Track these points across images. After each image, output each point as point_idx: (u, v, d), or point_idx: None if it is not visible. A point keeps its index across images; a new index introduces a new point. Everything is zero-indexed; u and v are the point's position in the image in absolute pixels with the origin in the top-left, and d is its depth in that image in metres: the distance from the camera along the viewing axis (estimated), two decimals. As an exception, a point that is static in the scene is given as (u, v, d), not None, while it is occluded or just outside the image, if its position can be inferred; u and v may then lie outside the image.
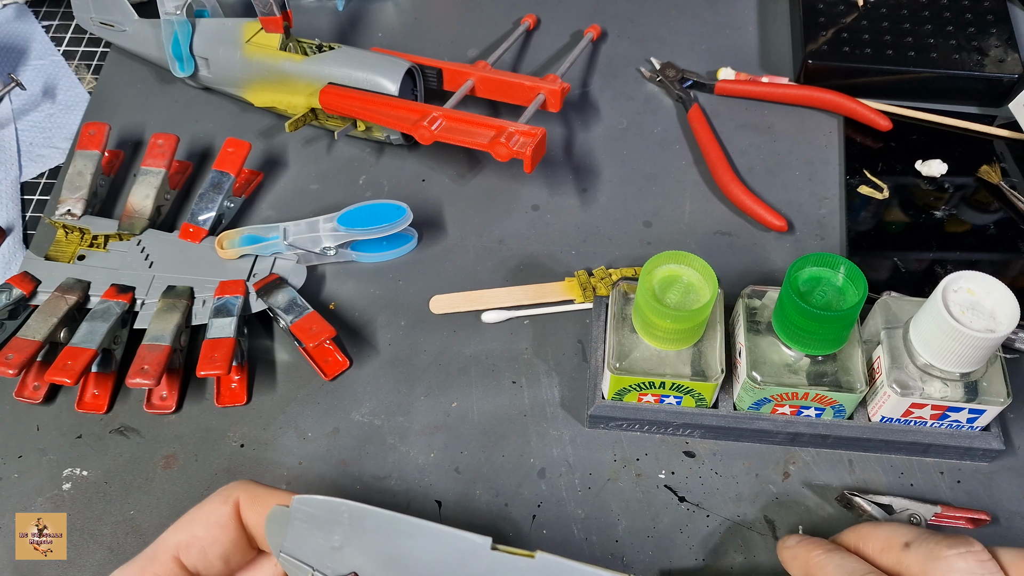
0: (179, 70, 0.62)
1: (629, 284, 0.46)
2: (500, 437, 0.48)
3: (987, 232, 0.55)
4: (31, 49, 0.71)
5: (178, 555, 0.33)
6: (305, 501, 0.33)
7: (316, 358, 0.51)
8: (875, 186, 0.58)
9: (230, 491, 0.34)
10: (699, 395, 0.45)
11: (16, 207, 0.61)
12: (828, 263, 0.42)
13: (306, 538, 0.33)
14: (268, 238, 0.53)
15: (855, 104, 0.61)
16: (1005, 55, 0.61)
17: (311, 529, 0.33)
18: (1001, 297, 0.40)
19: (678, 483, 0.47)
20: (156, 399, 0.50)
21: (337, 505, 0.33)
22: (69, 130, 0.65)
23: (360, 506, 0.33)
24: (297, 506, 0.33)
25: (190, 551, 0.33)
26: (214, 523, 0.34)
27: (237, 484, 0.35)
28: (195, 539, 0.33)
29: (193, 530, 0.33)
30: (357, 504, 0.33)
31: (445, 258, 0.56)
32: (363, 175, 0.61)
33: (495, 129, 0.54)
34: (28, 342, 0.48)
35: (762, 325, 0.45)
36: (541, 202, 0.59)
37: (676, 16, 0.70)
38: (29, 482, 0.48)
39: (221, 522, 0.34)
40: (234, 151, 0.57)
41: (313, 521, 0.33)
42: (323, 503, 0.33)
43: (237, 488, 0.35)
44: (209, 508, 0.34)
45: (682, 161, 0.61)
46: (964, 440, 0.45)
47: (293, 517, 0.33)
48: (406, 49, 0.63)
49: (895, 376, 0.43)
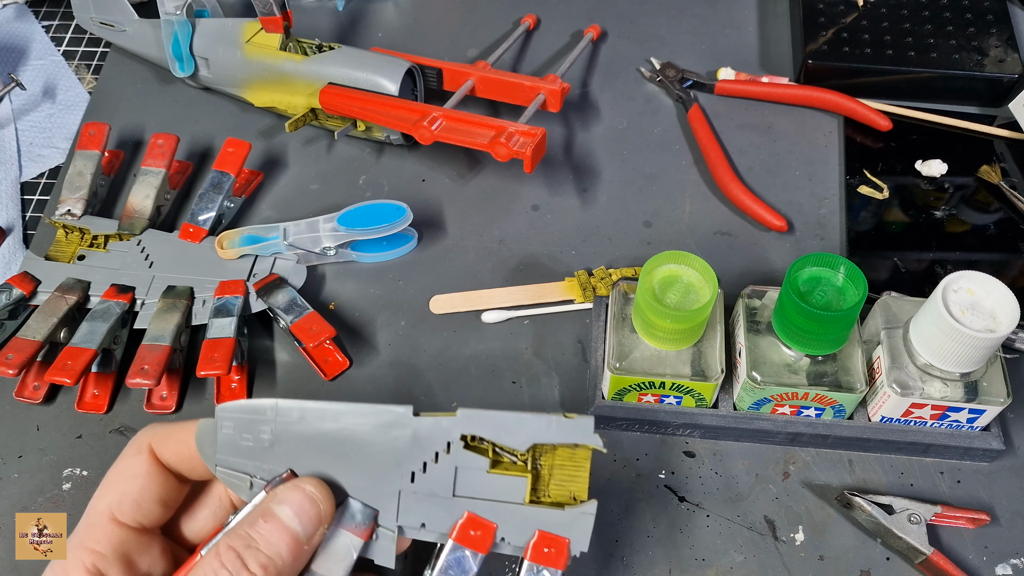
0: (179, 70, 0.62)
1: (629, 284, 0.46)
2: (500, 437, 0.48)
3: (987, 232, 0.55)
4: (31, 49, 0.71)
5: (113, 515, 0.33)
6: (229, 407, 0.33)
7: (316, 358, 0.51)
8: (875, 186, 0.58)
9: (139, 441, 0.35)
10: (699, 395, 0.45)
11: (16, 207, 0.61)
12: (828, 263, 0.42)
13: (236, 444, 0.33)
14: (268, 238, 0.53)
15: (855, 104, 0.61)
16: (1005, 55, 0.61)
17: (240, 434, 0.33)
18: (1001, 297, 0.40)
19: (678, 483, 0.47)
20: (156, 399, 0.50)
21: (260, 404, 0.33)
22: (69, 130, 0.65)
23: (283, 400, 0.33)
24: (222, 414, 0.33)
25: (123, 508, 0.33)
26: (136, 474, 0.34)
27: (142, 432, 0.35)
28: (124, 495, 0.33)
29: (119, 488, 0.34)
30: (281, 400, 0.33)
31: (445, 258, 0.56)
32: (363, 175, 0.61)
33: (495, 129, 0.54)
34: (28, 342, 0.48)
35: (762, 325, 0.45)
36: (541, 202, 0.59)
37: (676, 16, 0.70)
38: (29, 482, 0.48)
39: (142, 471, 0.34)
40: (234, 151, 0.57)
41: (240, 425, 0.33)
42: (246, 405, 0.33)
43: (144, 435, 0.35)
44: (126, 463, 0.34)
45: (682, 161, 0.61)
46: (964, 440, 0.45)
47: (220, 427, 0.33)
48: (406, 49, 0.63)
49: (895, 376, 0.43)
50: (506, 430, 0.33)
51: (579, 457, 0.34)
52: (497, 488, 0.33)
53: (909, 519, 0.43)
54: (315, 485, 0.32)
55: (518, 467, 0.34)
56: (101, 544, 0.32)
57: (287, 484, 0.32)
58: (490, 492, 0.33)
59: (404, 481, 0.33)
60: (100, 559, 0.32)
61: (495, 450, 0.34)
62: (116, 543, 0.33)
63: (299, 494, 0.32)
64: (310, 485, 0.32)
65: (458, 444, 0.33)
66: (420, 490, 0.33)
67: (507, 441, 0.33)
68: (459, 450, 0.33)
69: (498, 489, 0.33)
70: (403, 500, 0.33)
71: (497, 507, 0.33)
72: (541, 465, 0.34)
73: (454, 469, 0.33)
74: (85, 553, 0.32)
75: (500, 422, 0.33)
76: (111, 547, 0.33)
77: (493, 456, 0.34)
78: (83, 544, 0.32)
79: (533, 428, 0.33)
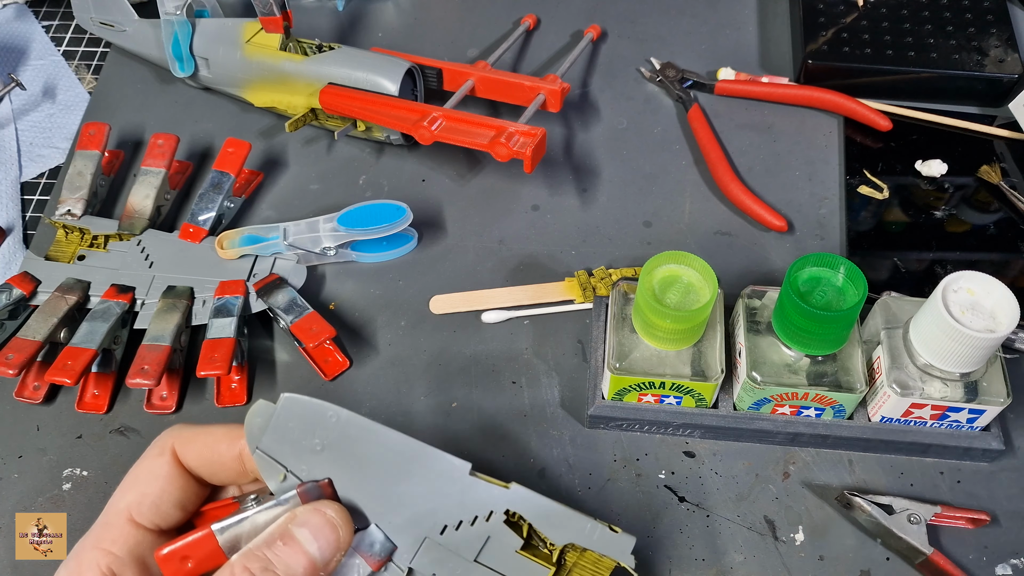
0: (179, 70, 0.62)
1: (629, 284, 0.46)
2: (500, 437, 0.48)
3: (987, 232, 0.55)
4: (31, 49, 0.71)
5: (131, 516, 0.33)
6: (294, 400, 0.33)
7: (316, 358, 0.51)
8: (875, 186, 0.58)
9: (162, 442, 0.34)
10: (699, 395, 0.45)
11: (16, 207, 0.61)
12: (828, 263, 0.42)
13: (286, 437, 0.33)
14: (268, 238, 0.53)
15: (855, 104, 0.61)
16: (1005, 55, 0.61)
17: (293, 428, 0.33)
18: (1001, 297, 0.40)
19: (678, 483, 0.47)
20: (156, 399, 0.50)
21: (326, 408, 0.33)
22: (69, 130, 0.65)
23: (350, 413, 0.33)
24: (286, 404, 0.33)
25: (142, 509, 0.33)
26: (157, 476, 0.33)
27: (167, 433, 0.35)
28: (143, 496, 0.33)
29: (139, 488, 0.33)
30: (347, 411, 0.33)
31: (445, 258, 0.56)
32: (363, 175, 0.61)
33: (495, 129, 0.54)
34: (28, 342, 0.48)
35: (762, 325, 0.45)
36: (541, 202, 0.59)
37: (676, 16, 0.70)
38: (29, 482, 0.48)
39: (163, 473, 0.33)
40: (234, 151, 0.57)
41: (297, 420, 0.33)
42: (312, 404, 0.33)
43: (168, 436, 0.34)
44: (148, 464, 0.34)
45: (682, 161, 0.61)
46: (964, 440, 0.45)
47: (277, 414, 0.33)
48: (406, 49, 0.63)
49: (895, 376, 0.43)
50: (551, 522, 0.33)
51: (603, 565, 0.34)
52: (518, 569, 0.33)
53: (909, 519, 0.43)
54: (336, 511, 0.32)
55: (544, 555, 0.34)
56: (117, 545, 0.32)
57: (309, 507, 0.32)
58: (510, 570, 0.33)
59: (434, 530, 0.33)
60: (115, 561, 0.32)
61: (530, 530, 0.34)
62: (132, 544, 0.33)
63: (320, 518, 0.31)
64: (331, 510, 0.32)
65: (500, 515, 0.33)
66: (445, 544, 0.33)
67: (547, 531, 0.33)
68: (499, 521, 0.33)
69: (519, 570, 0.33)
70: (425, 547, 0.33)
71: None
72: (566, 559, 0.34)
73: (486, 536, 0.33)
74: (100, 554, 0.32)
75: (548, 512, 0.33)
76: (127, 548, 0.32)
77: (526, 536, 0.34)
78: (99, 544, 0.32)
79: (576, 528, 0.33)
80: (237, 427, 0.34)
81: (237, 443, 0.34)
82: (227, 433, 0.35)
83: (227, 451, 0.34)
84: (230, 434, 0.34)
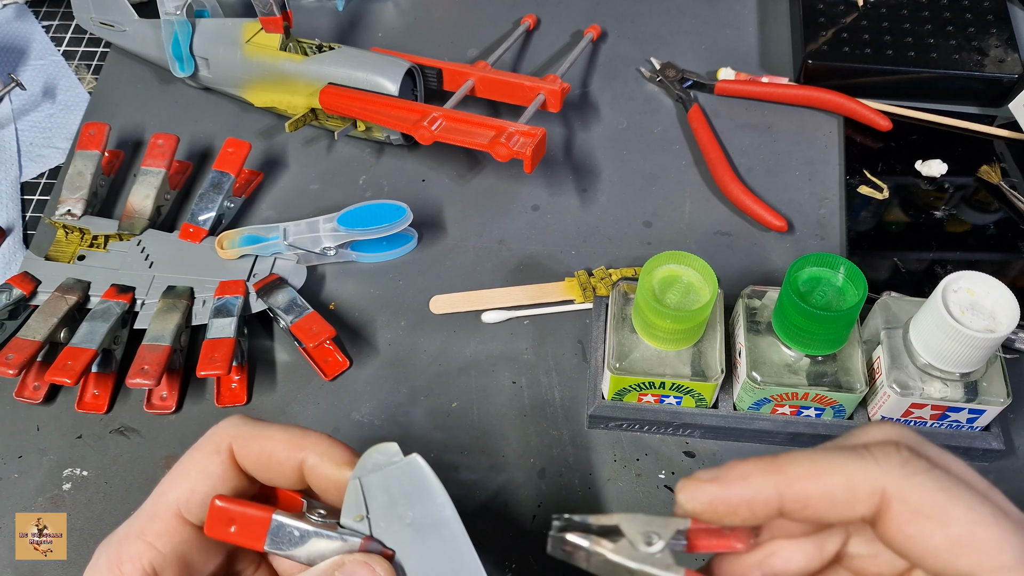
0: (179, 70, 0.62)
1: (629, 284, 0.46)
2: (500, 437, 0.48)
3: (987, 232, 0.55)
4: (31, 49, 0.71)
5: (179, 511, 0.31)
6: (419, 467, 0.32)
7: (316, 358, 0.51)
8: (875, 186, 0.58)
9: (221, 437, 0.33)
10: (699, 395, 0.45)
11: (16, 207, 0.61)
12: (828, 263, 0.42)
13: (388, 490, 0.32)
14: (268, 238, 0.53)
15: (855, 104, 0.61)
16: (1005, 55, 0.61)
17: (400, 488, 0.32)
18: (1001, 297, 0.40)
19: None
20: (156, 399, 0.50)
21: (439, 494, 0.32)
22: (69, 130, 0.65)
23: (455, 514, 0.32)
24: (409, 464, 0.32)
25: (191, 506, 0.31)
26: (211, 474, 0.32)
27: (226, 426, 0.33)
28: (194, 493, 0.31)
29: (190, 484, 0.32)
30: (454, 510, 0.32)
31: (445, 258, 0.56)
32: (363, 175, 0.61)
33: (495, 129, 0.54)
34: (28, 342, 0.48)
35: (762, 325, 0.45)
36: (541, 202, 0.59)
37: (676, 16, 0.70)
38: (29, 482, 0.48)
39: (218, 472, 0.32)
40: (234, 151, 0.57)
41: (410, 485, 0.32)
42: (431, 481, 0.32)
43: (227, 432, 0.33)
44: (203, 459, 0.32)
45: (682, 161, 0.61)
46: (964, 440, 0.45)
47: (397, 467, 0.32)
48: (406, 49, 0.63)
49: (895, 376, 0.43)
50: None
51: None
52: None
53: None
54: (385, 570, 0.31)
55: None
56: (162, 541, 0.31)
57: (360, 558, 0.30)
58: None
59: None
60: (159, 558, 0.31)
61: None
62: (177, 542, 0.31)
63: (367, 572, 0.30)
64: (380, 568, 0.30)
65: None
66: None
67: None
68: None
69: None
70: None
71: None
72: None
73: None
74: (145, 547, 0.31)
75: None
76: (172, 546, 0.31)
77: None
78: (143, 536, 0.31)
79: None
80: (300, 434, 0.33)
81: (299, 453, 0.32)
82: (290, 440, 0.33)
83: (287, 459, 0.32)
84: (293, 441, 0.33)
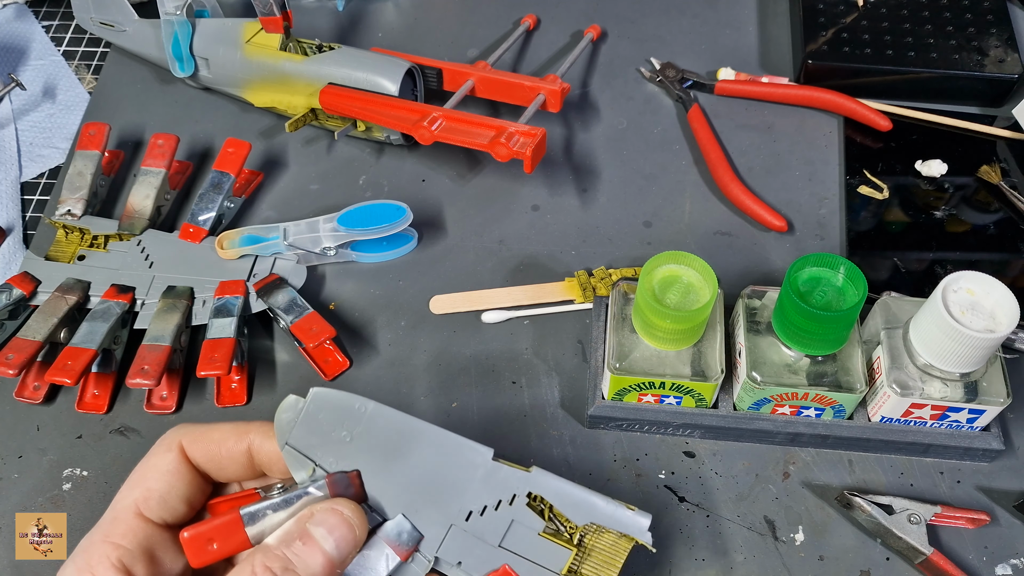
0: (179, 70, 0.62)
1: (629, 284, 0.46)
2: (500, 437, 0.48)
3: (987, 232, 0.55)
4: (31, 49, 0.71)
5: (139, 511, 0.33)
6: (324, 395, 0.34)
7: (316, 358, 0.51)
8: (875, 186, 0.58)
9: (170, 439, 0.35)
10: (699, 395, 0.45)
11: (16, 207, 0.61)
12: (828, 263, 0.42)
13: (315, 431, 0.34)
14: (268, 238, 0.53)
15: (855, 104, 0.61)
16: (1005, 55, 0.61)
17: (322, 422, 0.34)
18: (1001, 297, 0.40)
19: (678, 483, 0.47)
20: (156, 399, 0.50)
21: (354, 400, 0.34)
22: (69, 130, 0.65)
23: (377, 404, 0.34)
24: (316, 399, 0.34)
25: (149, 504, 0.34)
26: (165, 471, 0.34)
27: (175, 430, 0.35)
28: (151, 492, 0.34)
29: (146, 484, 0.34)
30: (374, 402, 0.34)
31: (445, 258, 0.56)
32: (363, 175, 0.61)
33: (495, 129, 0.54)
34: (28, 342, 0.48)
35: (762, 325, 0.45)
36: (541, 202, 0.59)
37: (676, 16, 0.70)
38: (29, 482, 0.48)
39: (171, 468, 0.34)
40: (234, 151, 0.57)
41: (326, 413, 0.34)
42: (341, 396, 0.34)
43: (176, 434, 0.35)
44: (156, 459, 0.35)
45: (682, 161, 0.61)
46: (964, 440, 0.45)
47: (306, 409, 0.34)
48: (406, 49, 0.63)
49: (895, 376, 0.43)
50: (571, 504, 0.34)
51: (619, 547, 0.35)
52: (541, 552, 0.34)
53: (909, 519, 0.43)
54: (352, 509, 0.33)
55: (565, 537, 0.34)
56: (127, 539, 0.33)
57: (325, 505, 0.32)
58: (533, 553, 0.34)
59: (459, 517, 0.34)
60: (125, 553, 0.32)
61: (551, 515, 0.35)
62: (141, 538, 0.33)
63: (336, 518, 0.32)
64: (347, 509, 0.33)
65: (523, 499, 0.34)
66: (470, 530, 0.34)
67: (569, 513, 0.34)
68: (521, 505, 0.34)
69: (542, 553, 0.34)
70: (451, 534, 0.34)
71: (534, 569, 0.34)
72: (586, 540, 0.35)
73: (510, 521, 0.34)
74: (110, 547, 0.32)
75: (568, 494, 0.34)
76: (136, 542, 0.33)
77: (547, 520, 0.34)
78: (108, 538, 0.33)
79: (596, 509, 0.34)
80: (244, 424, 0.35)
81: (245, 438, 0.35)
82: (235, 429, 0.35)
83: (235, 446, 0.35)
84: (238, 430, 0.35)
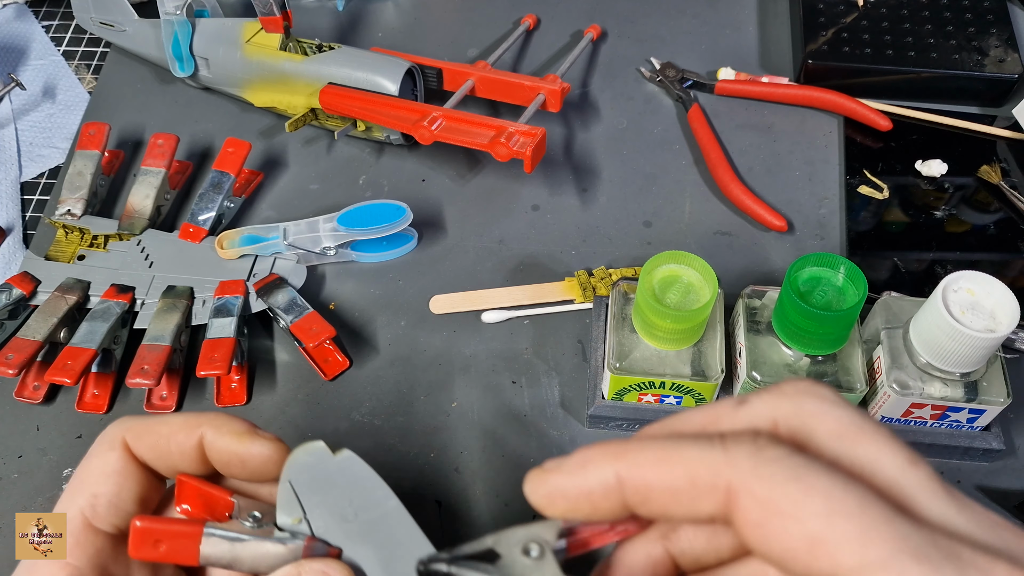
0: (179, 70, 0.62)
1: (629, 284, 0.46)
2: (500, 437, 0.48)
3: (987, 232, 0.55)
4: (31, 49, 0.71)
5: (87, 521, 0.30)
6: (354, 461, 0.31)
7: (316, 358, 0.51)
8: (875, 186, 0.58)
9: (111, 435, 0.31)
10: (699, 395, 0.45)
11: (16, 207, 0.61)
12: (828, 263, 0.42)
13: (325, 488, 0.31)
14: (268, 238, 0.53)
15: (855, 104, 0.61)
16: (1005, 55, 0.61)
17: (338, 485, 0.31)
18: (1001, 297, 0.40)
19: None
20: (156, 399, 0.50)
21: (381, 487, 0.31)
22: (69, 130, 0.65)
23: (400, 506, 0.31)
24: (345, 460, 0.31)
25: (97, 511, 0.30)
26: (110, 473, 0.30)
27: (115, 425, 0.31)
28: (97, 497, 0.30)
29: (90, 489, 0.30)
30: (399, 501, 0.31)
31: (445, 258, 0.56)
32: (363, 175, 0.61)
33: (495, 129, 0.54)
34: (28, 342, 0.48)
35: (762, 325, 0.45)
36: (541, 202, 0.59)
37: (676, 16, 0.70)
38: (29, 482, 0.48)
39: (117, 468, 0.30)
40: (234, 151, 0.57)
41: (348, 480, 0.31)
42: (370, 476, 0.31)
43: (116, 429, 0.31)
44: (98, 460, 0.31)
45: (682, 161, 0.61)
46: (964, 440, 0.45)
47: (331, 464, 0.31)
48: (406, 49, 0.63)
49: (895, 376, 0.43)
50: None
51: None
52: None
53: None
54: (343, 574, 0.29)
55: None
56: (75, 555, 0.29)
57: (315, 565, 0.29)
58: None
59: None
60: (75, 573, 0.29)
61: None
62: (92, 553, 0.29)
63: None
64: (338, 573, 0.29)
65: None
66: None
67: None
68: None
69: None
70: None
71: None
72: None
73: None
74: (58, 567, 0.29)
75: None
76: (86, 558, 0.29)
77: None
78: None
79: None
80: (195, 415, 0.31)
81: (196, 432, 0.31)
82: (184, 422, 0.31)
83: (186, 440, 0.31)
84: (188, 423, 0.31)
